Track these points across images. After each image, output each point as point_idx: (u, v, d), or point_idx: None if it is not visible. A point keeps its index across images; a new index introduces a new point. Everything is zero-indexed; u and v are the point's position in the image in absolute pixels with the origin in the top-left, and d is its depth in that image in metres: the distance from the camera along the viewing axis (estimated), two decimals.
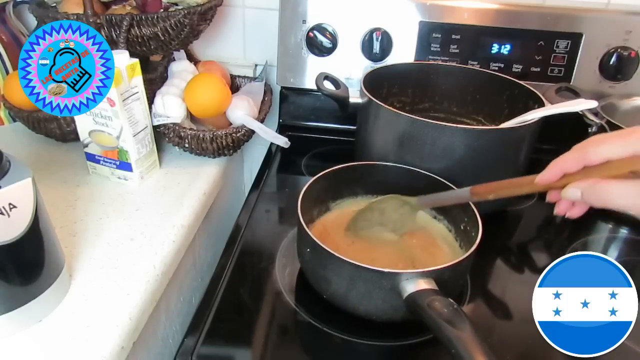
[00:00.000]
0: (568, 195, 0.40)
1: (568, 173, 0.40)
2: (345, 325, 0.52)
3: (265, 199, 0.74)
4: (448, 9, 0.81)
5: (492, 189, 0.49)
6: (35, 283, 0.46)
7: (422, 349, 0.52)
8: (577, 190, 0.39)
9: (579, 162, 0.39)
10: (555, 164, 0.41)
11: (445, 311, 0.42)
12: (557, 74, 0.82)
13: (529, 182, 0.43)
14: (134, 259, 0.56)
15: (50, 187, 0.67)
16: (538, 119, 0.65)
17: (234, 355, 0.51)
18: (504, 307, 0.58)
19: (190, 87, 0.72)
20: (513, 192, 0.48)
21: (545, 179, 0.41)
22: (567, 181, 0.40)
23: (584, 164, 0.39)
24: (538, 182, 0.42)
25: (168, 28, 0.70)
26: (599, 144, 0.38)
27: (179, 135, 0.71)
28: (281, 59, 0.87)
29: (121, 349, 0.47)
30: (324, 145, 0.88)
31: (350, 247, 0.59)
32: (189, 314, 0.55)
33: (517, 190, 0.47)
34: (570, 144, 0.41)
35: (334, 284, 0.51)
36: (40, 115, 0.72)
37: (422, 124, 0.63)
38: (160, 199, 0.67)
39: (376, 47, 0.83)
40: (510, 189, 0.48)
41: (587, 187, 0.39)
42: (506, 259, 0.66)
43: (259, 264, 0.61)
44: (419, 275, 0.46)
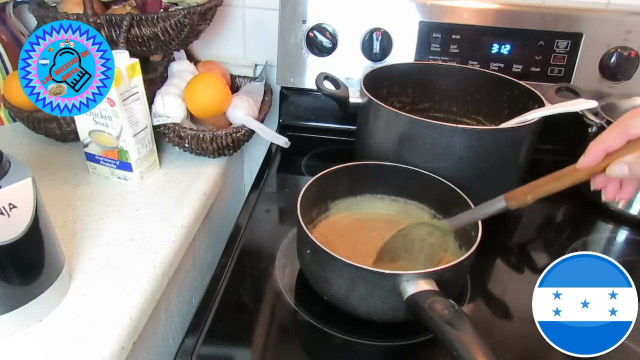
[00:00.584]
0: (615, 172, 0.37)
1: (611, 152, 0.37)
2: (345, 325, 0.52)
3: (265, 199, 0.74)
4: (448, 9, 0.81)
5: (528, 190, 0.46)
6: (35, 283, 0.46)
7: (422, 349, 0.52)
8: (625, 165, 0.37)
9: (622, 137, 0.37)
10: (596, 144, 0.38)
11: (446, 312, 0.42)
12: (557, 74, 0.82)
13: (570, 171, 0.40)
14: (134, 259, 0.56)
15: (50, 187, 0.67)
16: (538, 119, 0.64)
17: (234, 355, 0.51)
18: (504, 307, 0.58)
19: (190, 87, 0.72)
20: (553, 188, 0.44)
21: (587, 163, 0.39)
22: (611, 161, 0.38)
23: (627, 139, 0.37)
24: (581, 168, 0.39)
25: (168, 28, 0.70)
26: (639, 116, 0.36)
27: (179, 135, 0.71)
28: (281, 59, 0.87)
29: (121, 349, 0.47)
30: (324, 145, 0.88)
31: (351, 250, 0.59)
32: (189, 314, 0.55)
33: (558, 185, 0.43)
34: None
35: (334, 285, 0.51)
36: (40, 115, 0.72)
37: (422, 124, 0.63)
38: (160, 199, 0.67)
39: (376, 47, 0.83)
40: (549, 185, 0.44)
41: (634, 160, 0.36)
42: (506, 259, 0.66)
43: (259, 264, 0.61)
44: (419, 276, 0.46)
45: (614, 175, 0.38)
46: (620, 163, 0.37)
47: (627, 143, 0.37)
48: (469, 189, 0.58)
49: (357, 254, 0.55)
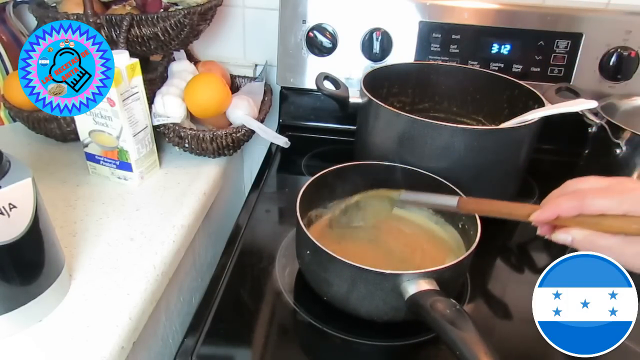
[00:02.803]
0: (559, 239, 0.42)
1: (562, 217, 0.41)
2: (345, 325, 0.52)
3: (265, 199, 0.74)
4: (448, 9, 0.81)
5: (481, 206, 0.50)
6: (35, 283, 0.46)
7: (423, 349, 0.52)
8: (569, 237, 0.42)
9: (576, 209, 0.40)
10: (552, 207, 0.42)
11: (448, 312, 0.42)
12: (557, 74, 0.82)
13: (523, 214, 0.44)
14: (134, 259, 0.56)
15: (50, 187, 0.67)
16: (538, 119, 0.64)
17: (234, 355, 0.51)
18: (504, 307, 0.58)
19: (190, 87, 0.72)
20: (500, 214, 0.48)
21: (540, 219, 0.43)
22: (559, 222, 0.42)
23: (580, 212, 0.40)
24: (533, 220, 0.43)
25: (168, 28, 0.70)
26: (597, 197, 0.40)
27: (179, 135, 0.71)
28: (281, 59, 0.87)
29: (121, 349, 0.47)
30: (324, 145, 0.88)
31: (347, 248, 0.59)
32: (189, 314, 0.55)
33: (505, 215, 0.47)
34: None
35: (334, 286, 0.51)
36: (40, 115, 0.72)
37: (422, 123, 0.63)
38: (160, 199, 0.67)
39: (376, 47, 0.83)
40: (499, 211, 0.48)
41: (579, 237, 0.41)
42: (506, 259, 0.66)
43: (259, 264, 0.61)
44: (420, 276, 0.46)
45: (557, 240, 0.43)
46: (565, 233, 0.42)
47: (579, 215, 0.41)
48: (468, 189, 0.58)
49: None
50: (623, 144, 0.68)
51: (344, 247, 0.59)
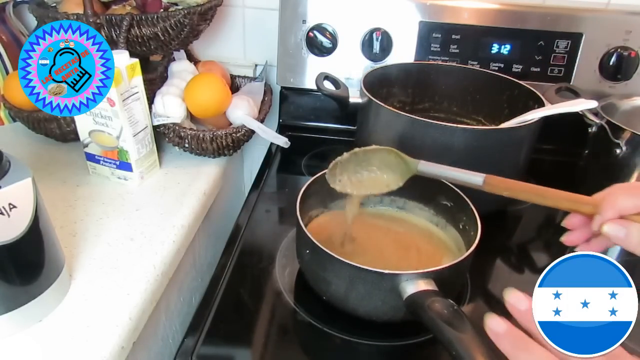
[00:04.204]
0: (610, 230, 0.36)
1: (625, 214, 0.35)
2: (345, 325, 0.52)
3: (265, 199, 0.74)
4: (448, 9, 0.81)
5: (510, 186, 0.45)
6: (35, 283, 0.46)
7: (422, 349, 0.52)
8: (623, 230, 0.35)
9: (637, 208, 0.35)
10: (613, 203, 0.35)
11: (445, 312, 0.42)
12: (557, 74, 0.82)
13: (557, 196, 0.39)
14: (134, 259, 0.56)
15: (50, 187, 0.67)
16: (538, 119, 0.64)
17: (234, 355, 0.51)
18: (504, 307, 0.58)
19: (190, 87, 0.72)
20: (532, 200, 0.44)
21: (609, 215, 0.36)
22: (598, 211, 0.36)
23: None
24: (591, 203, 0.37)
25: (168, 28, 0.70)
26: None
27: (179, 135, 0.71)
28: (281, 59, 0.87)
29: (121, 349, 0.47)
30: (324, 145, 0.88)
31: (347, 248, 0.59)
32: (189, 314, 0.55)
33: (537, 199, 0.43)
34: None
35: (333, 285, 0.51)
36: (40, 115, 0.72)
37: (422, 123, 0.63)
38: (160, 199, 0.67)
39: (376, 47, 0.83)
40: (531, 195, 0.44)
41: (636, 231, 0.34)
42: (506, 259, 0.66)
43: (259, 264, 0.61)
44: (418, 276, 0.46)
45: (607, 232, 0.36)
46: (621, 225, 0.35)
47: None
48: (468, 189, 0.58)
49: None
50: (623, 144, 0.68)
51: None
